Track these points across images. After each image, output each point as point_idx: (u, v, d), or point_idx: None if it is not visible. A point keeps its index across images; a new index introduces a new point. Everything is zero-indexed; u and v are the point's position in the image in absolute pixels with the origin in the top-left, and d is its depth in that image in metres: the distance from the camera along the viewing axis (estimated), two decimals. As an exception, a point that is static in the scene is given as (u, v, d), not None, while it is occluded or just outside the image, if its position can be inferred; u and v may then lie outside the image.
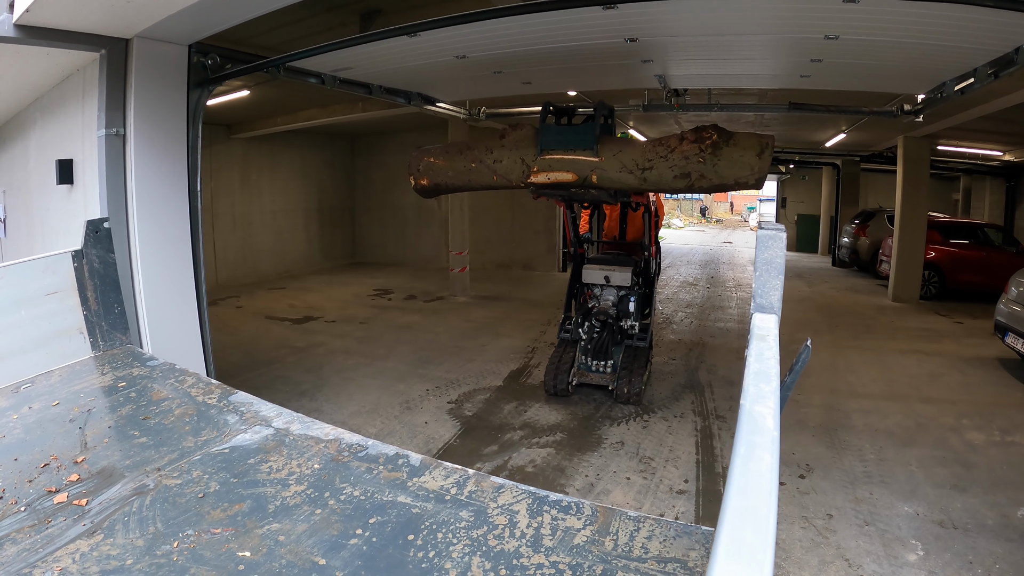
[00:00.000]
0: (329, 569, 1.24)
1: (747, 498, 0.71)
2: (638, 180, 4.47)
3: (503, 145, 4.80)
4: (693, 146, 4.27)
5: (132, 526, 1.54)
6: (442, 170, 4.99)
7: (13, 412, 2.58)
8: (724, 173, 4.24)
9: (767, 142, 4.21)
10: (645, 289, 6.63)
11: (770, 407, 0.90)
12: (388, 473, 1.59)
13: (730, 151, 4.20)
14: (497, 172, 4.77)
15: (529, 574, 1.19)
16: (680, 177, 4.33)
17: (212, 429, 2.00)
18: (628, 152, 4.52)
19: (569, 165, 4.58)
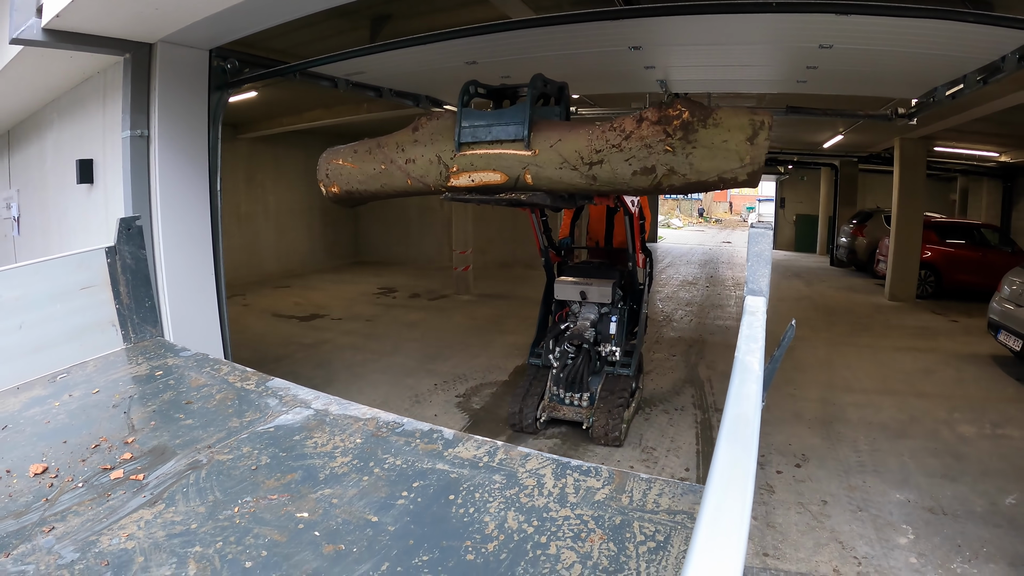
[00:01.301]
0: (381, 525, 1.41)
1: (738, 409, 0.92)
2: (585, 179, 3.31)
3: (416, 140, 3.69)
4: (656, 129, 3.08)
5: (192, 496, 1.70)
6: (351, 175, 3.95)
7: (54, 400, 2.73)
8: (702, 166, 3.04)
9: (762, 122, 2.96)
10: (632, 305, 5.65)
11: (757, 356, 1.19)
12: (425, 445, 1.76)
13: (709, 135, 3.00)
14: (411, 175, 3.70)
15: (558, 524, 1.37)
16: (642, 173, 3.15)
17: (255, 411, 2.17)
18: (570, 141, 3.31)
19: (496, 162, 3.45)
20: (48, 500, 1.85)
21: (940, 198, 17.84)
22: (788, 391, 6.36)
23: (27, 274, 3.12)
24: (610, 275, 5.47)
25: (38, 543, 1.62)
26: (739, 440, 0.87)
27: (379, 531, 1.39)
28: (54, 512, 1.78)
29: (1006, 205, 15.42)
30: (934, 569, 3.50)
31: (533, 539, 1.32)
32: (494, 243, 15.30)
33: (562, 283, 5.45)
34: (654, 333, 8.96)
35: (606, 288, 5.29)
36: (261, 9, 3.69)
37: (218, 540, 1.45)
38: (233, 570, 1.33)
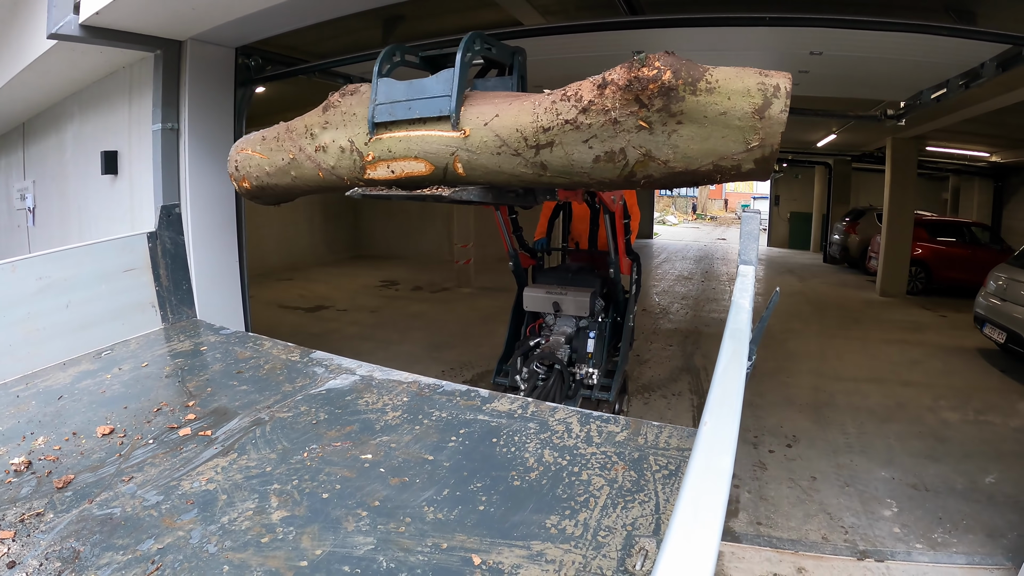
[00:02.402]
0: (437, 462, 1.66)
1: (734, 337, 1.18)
2: (532, 167, 2.43)
3: (327, 123, 2.89)
4: (624, 98, 2.14)
5: (261, 446, 1.94)
6: (260, 166, 3.26)
7: (105, 372, 2.95)
8: (692, 149, 2.14)
9: (776, 86, 2.03)
10: (616, 317, 4.89)
11: (747, 299, 1.53)
12: (465, 402, 2.02)
13: (700, 105, 2.08)
14: (322, 165, 2.94)
15: (587, 458, 1.64)
16: (607, 159, 2.26)
17: (304, 378, 2.41)
18: (509, 116, 2.40)
19: (418, 147, 2.60)
20: (121, 456, 2.07)
21: (932, 197, 18.15)
22: (781, 379, 6.64)
23: (76, 256, 3.31)
24: (589, 283, 4.70)
25: (119, 490, 1.83)
26: (736, 354, 1.10)
27: (436, 466, 1.64)
28: (129, 465, 1.99)
29: (997, 204, 15.74)
30: (916, 538, 3.78)
31: (567, 469, 1.59)
32: (495, 237, 15.48)
33: (532, 292, 4.65)
34: (650, 325, 9.23)
35: (583, 298, 4.49)
36: (291, 12, 3.92)
37: (294, 479, 1.69)
38: (312, 500, 1.57)
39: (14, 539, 1.67)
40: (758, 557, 3.55)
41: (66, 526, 1.69)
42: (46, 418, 2.43)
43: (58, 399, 2.63)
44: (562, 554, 1.28)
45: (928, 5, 4.02)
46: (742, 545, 3.65)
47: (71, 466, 2.03)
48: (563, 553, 1.29)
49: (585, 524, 1.37)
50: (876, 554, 3.59)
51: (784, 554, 3.58)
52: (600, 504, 1.44)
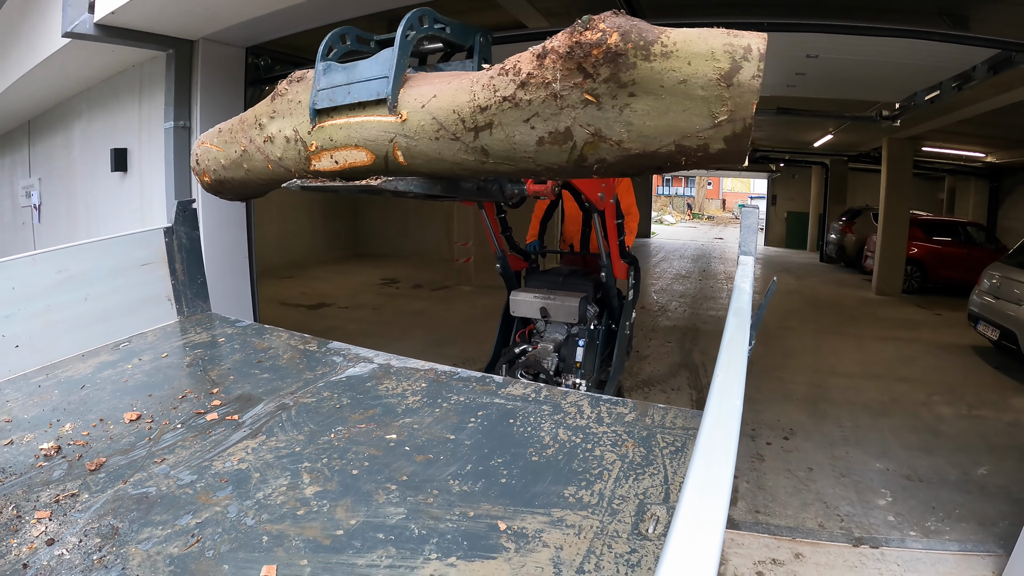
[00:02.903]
0: (458, 441, 1.77)
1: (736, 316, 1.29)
2: (473, 153, 2.18)
3: (275, 112, 2.72)
4: (567, 67, 1.84)
5: (288, 428, 2.04)
6: (217, 159, 3.15)
7: (125, 363, 3.04)
8: (649, 127, 1.84)
9: (747, 47, 1.71)
10: (611, 324, 4.56)
11: (747, 284, 1.63)
12: (481, 387, 2.13)
13: (655, 72, 1.75)
14: (271, 157, 2.78)
15: (599, 436, 1.75)
16: (552, 141, 1.98)
17: (324, 366, 2.52)
18: (446, 96, 2.17)
19: (357, 134, 2.41)
20: (151, 439, 2.16)
21: (928, 197, 18.30)
22: (777, 375, 6.76)
23: (94, 250, 3.39)
24: (580, 287, 4.41)
25: (152, 471, 1.91)
26: (739, 335, 1.21)
27: (458, 445, 1.75)
28: (160, 448, 2.08)
29: (992, 204, 15.89)
30: (910, 526, 3.89)
31: (581, 446, 1.70)
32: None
33: (520, 296, 4.38)
34: (649, 322, 9.34)
35: (572, 304, 4.21)
36: (301, 13, 4.02)
37: (323, 457, 1.80)
38: (343, 476, 1.67)
39: (51, 518, 1.76)
40: (757, 543, 3.66)
41: (102, 505, 1.77)
42: (71, 406, 2.51)
43: (81, 388, 2.71)
44: (580, 520, 1.39)
45: (922, 9, 4.13)
46: (741, 532, 3.77)
47: (101, 450, 2.11)
48: (581, 519, 1.40)
49: (600, 494, 1.49)
50: (871, 541, 3.71)
51: (782, 540, 3.69)
52: (613, 476, 1.55)
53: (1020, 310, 7.06)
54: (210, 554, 1.45)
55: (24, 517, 1.74)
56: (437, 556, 1.31)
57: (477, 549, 1.33)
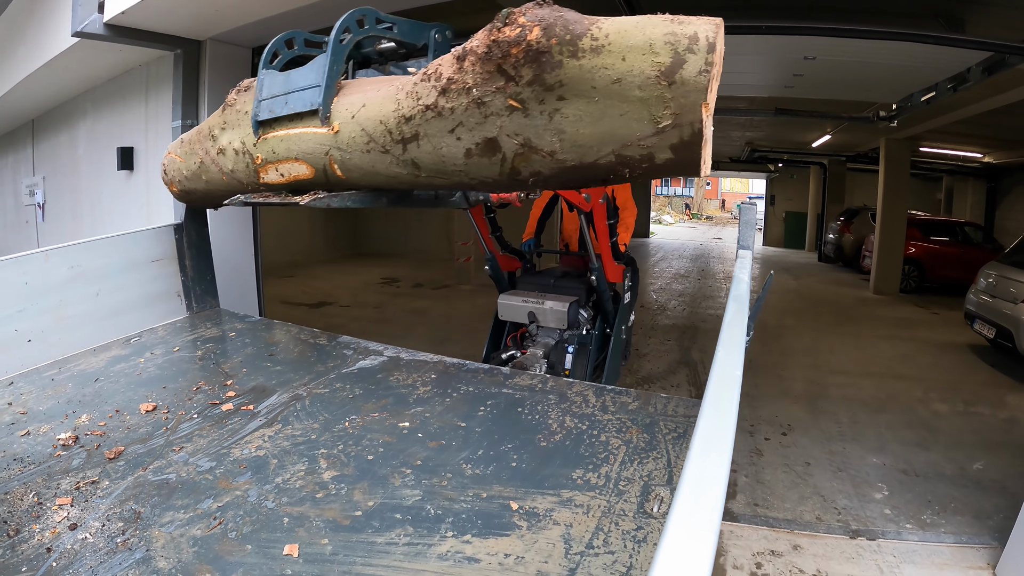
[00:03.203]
0: (469, 428, 1.84)
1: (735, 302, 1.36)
2: (404, 166, 1.99)
3: (225, 123, 2.63)
4: (486, 70, 1.65)
5: (303, 417, 2.10)
6: (180, 170, 3.09)
7: (138, 357, 3.10)
8: (581, 134, 1.61)
9: (693, 36, 1.45)
10: (606, 329, 4.34)
11: (745, 275, 1.70)
12: (489, 378, 2.20)
13: (585, 71, 1.53)
14: (224, 169, 2.70)
15: (604, 423, 1.83)
16: (480, 153, 1.78)
17: (335, 359, 2.58)
18: (374, 105, 2.01)
19: (297, 147, 2.28)
20: (168, 429, 2.22)
21: (926, 197, 18.37)
22: (776, 372, 6.83)
23: (106, 246, 3.45)
24: (572, 291, 4.19)
25: (171, 459, 1.97)
26: (738, 318, 1.29)
27: (469, 431, 1.82)
28: (177, 437, 2.14)
29: (990, 204, 15.96)
30: (906, 519, 3.96)
31: (587, 432, 1.77)
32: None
33: (508, 300, 4.19)
34: (649, 321, 9.40)
35: (561, 309, 4.00)
36: (309, 15, 4.07)
37: (339, 444, 1.86)
38: (359, 462, 1.74)
39: (72, 504, 1.81)
40: (756, 535, 3.73)
41: (123, 491, 1.83)
42: (86, 398, 2.56)
43: (95, 381, 2.77)
44: (588, 500, 1.46)
45: (918, 12, 4.21)
46: (740, 524, 3.83)
47: (119, 439, 2.16)
48: (589, 499, 1.47)
49: (607, 476, 1.56)
50: (868, 533, 3.78)
51: (780, 533, 3.76)
52: (619, 460, 1.62)
53: (1016, 308, 7.13)
54: (233, 535, 1.51)
55: (45, 504, 1.77)
56: (453, 534, 1.38)
57: (491, 527, 1.40)
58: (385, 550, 1.35)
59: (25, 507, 1.76)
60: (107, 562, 1.48)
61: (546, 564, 1.27)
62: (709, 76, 1.42)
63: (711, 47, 1.42)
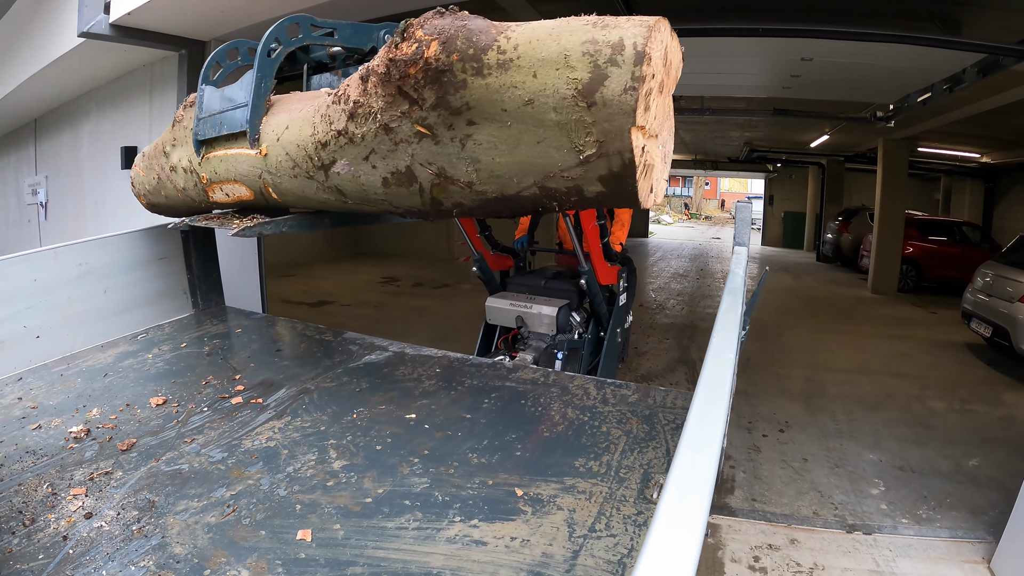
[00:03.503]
0: (475, 419, 1.90)
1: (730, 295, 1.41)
2: (330, 192, 1.86)
3: (175, 139, 2.53)
4: (388, 93, 1.46)
5: (311, 410, 2.15)
6: (143, 183, 3.05)
7: (146, 353, 3.15)
8: (497, 164, 1.41)
9: (618, 45, 1.18)
10: (600, 333, 4.21)
11: (741, 269, 1.75)
12: (492, 372, 2.26)
13: (494, 92, 1.31)
14: (177, 187, 2.62)
15: (605, 415, 1.89)
16: (396, 183, 1.63)
17: (341, 354, 2.63)
18: (295, 128, 1.87)
19: (234, 168, 2.17)
20: (179, 422, 2.26)
21: (924, 197, 18.44)
22: (774, 370, 6.89)
23: (114, 244, 3.48)
24: (563, 293, 4.05)
25: (184, 450, 2.02)
26: (733, 304, 1.34)
27: (474, 423, 1.87)
28: (188, 429, 2.19)
29: (988, 205, 16.04)
30: (902, 514, 4.02)
31: (589, 423, 1.83)
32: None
33: (496, 303, 4.05)
34: (648, 320, 9.46)
35: (552, 311, 3.84)
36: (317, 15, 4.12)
37: (347, 435, 1.91)
38: (368, 452, 1.79)
39: (86, 495, 1.85)
40: (753, 530, 3.79)
41: (137, 481, 1.87)
42: (95, 393, 2.60)
43: (104, 376, 2.81)
44: (591, 486, 1.52)
45: (915, 13, 4.27)
46: (738, 519, 3.89)
47: (131, 432, 2.21)
48: (591, 486, 1.52)
49: (608, 464, 1.61)
50: (864, 527, 3.84)
51: (778, 527, 3.82)
52: (619, 449, 1.68)
53: (1012, 307, 7.19)
54: (247, 522, 1.56)
55: (60, 494, 1.81)
56: (461, 519, 1.43)
57: (497, 512, 1.45)
58: (395, 534, 1.40)
59: (39, 497, 1.79)
60: (123, 548, 1.52)
61: (551, 546, 1.32)
62: (636, 95, 1.16)
63: (639, 57, 1.16)
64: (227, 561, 1.41)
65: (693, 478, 0.70)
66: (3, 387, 2.62)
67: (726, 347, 1.12)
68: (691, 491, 0.68)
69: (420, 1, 3.98)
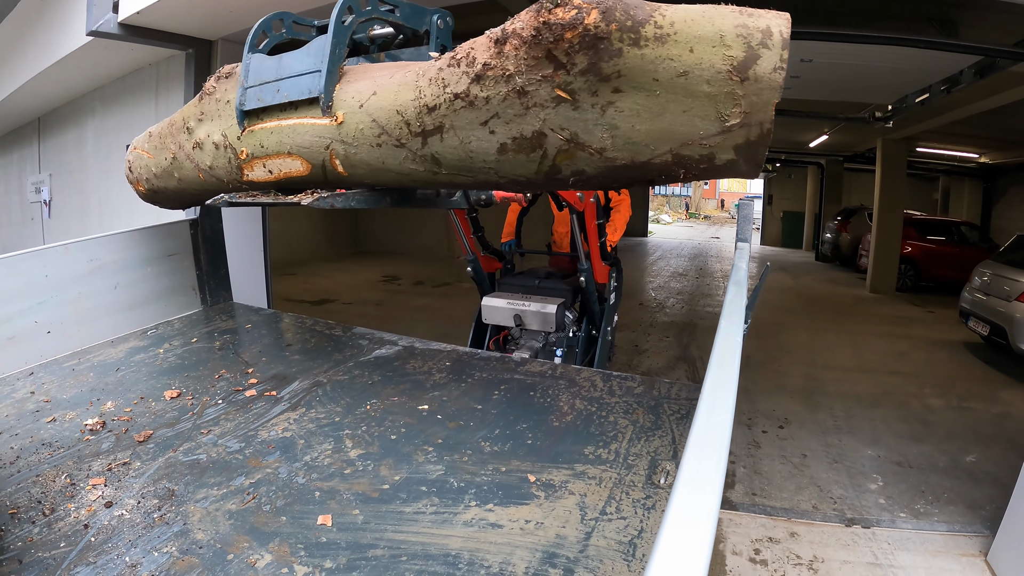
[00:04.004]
0: (486, 409, 1.95)
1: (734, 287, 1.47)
2: (422, 162, 1.80)
3: (203, 113, 2.39)
4: (532, 57, 1.45)
5: (325, 402, 2.20)
6: (148, 166, 2.83)
7: (157, 348, 3.19)
8: (636, 131, 1.47)
9: (767, 30, 1.37)
10: (591, 330, 4.33)
11: (744, 263, 1.79)
12: (501, 365, 2.31)
13: (647, 62, 1.39)
14: (200, 165, 2.46)
15: (612, 406, 1.95)
16: (516, 149, 1.60)
17: (351, 348, 2.69)
18: (388, 93, 1.79)
19: (290, 140, 2.06)
20: (194, 414, 2.31)
21: (923, 197, 18.51)
22: (773, 368, 6.96)
23: (124, 240, 3.53)
24: (558, 292, 4.10)
25: (200, 441, 2.05)
26: (738, 295, 1.39)
27: (485, 413, 1.93)
28: (204, 421, 2.23)
29: (986, 205, 16.11)
30: (900, 508, 4.08)
31: (597, 414, 1.89)
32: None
33: (492, 302, 4.11)
34: (648, 318, 9.52)
35: (548, 311, 3.90)
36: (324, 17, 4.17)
37: (362, 426, 1.97)
38: (383, 441, 1.85)
39: (105, 484, 1.88)
40: (754, 523, 3.85)
41: (155, 471, 1.91)
42: (108, 386, 2.64)
43: (116, 371, 2.84)
44: (600, 472, 1.58)
45: (913, 15, 4.33)
46: (739, 513, 3.95)
47: (146, 424, 2.24)
48: (601, 472, 1.58)
49: (616, 452, 1.67)
50: (863, 521, 3.90)
51: (778, 521, 3.88)
52: (627, 438, 1.73)
53: (1010, 306, 7.26)
54: (267, 508, 1.60)
55: (78, 484, 1.84)
56: (476, 503, 1.49)
57: (511, 497, 1.51)
58: (413, 519, 1.46)
59: (58, 488, 1.82)
60: (145, 535, 1.56)
61: (564, 528, 1.38)
62: (784, 73, 1.36)
63: (785, 43, 1.36)
64: (250, 546, 1.45)
65: (711, 437, 0.76)
66: (15, 381, 2.65)
67: (734, 330, 1.17)
68: (709, 449, 0.73)
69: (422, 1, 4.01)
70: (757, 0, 1.66)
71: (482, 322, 4.26)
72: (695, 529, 0.59)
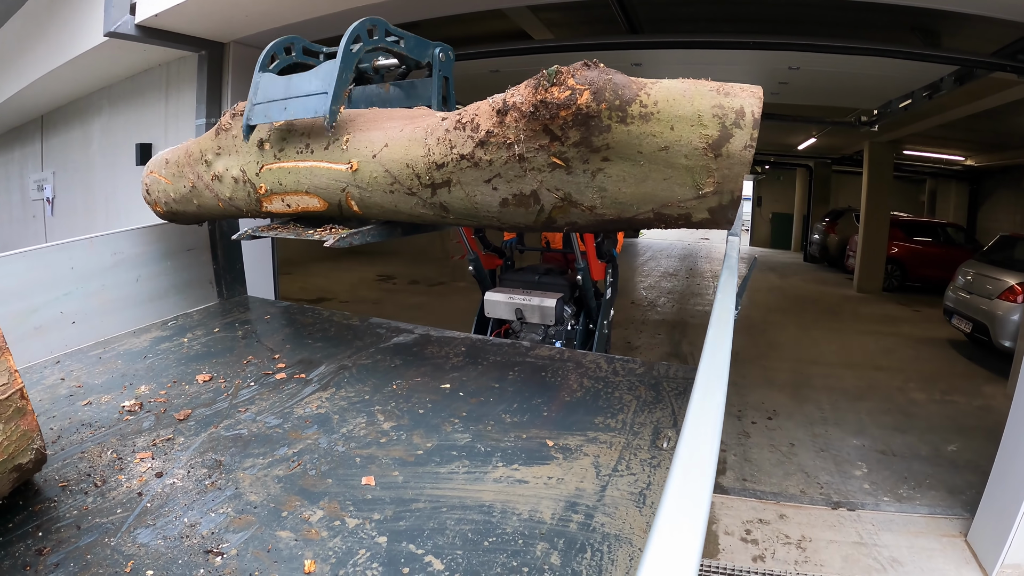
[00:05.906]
0: (503, 388, 2.15)
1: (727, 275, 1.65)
2: (431, 208, 2.02)
3: (220, 148, 2.53)
4: (531, 128, 1.65)
5: (353, 383, 2.37)
6: (166, 191, 3.01)
7: (180, 337, 3.32)
8: (622, 193, 1.70)
9: (739, 111, 1.56)
10: (588, 324, 4.49)
11: (735, 252, 1.91)
12: (513, 350, 2.51)
13: (633, 136, 1.59)
14: (220, 196, 2.61)
15: (616, 383, 2.16)
16: (516, 204, 1.83)
17: (370, 336, 2.86)
18: (399, 147, 1.98)
19: (307, 180, 2.24)
20: (229, 395, 2.45)
21: (911, 199, 18.78)
22: (762, 363, 7.18)
23: (146, 235, 3.66)
24: (557, 287, 4.30)
25: (239, 418, 2.17)
26: (730, 279, 1.57)
27: (503, 391, 2.12)
28: (239, 401, 2.37)
29: (972, 206, 16.39)
30: (884, 493, 4.30)
31: (604, 390, 2.10)
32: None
33: (495, 297, 4.29)
34: (639, 316, 9.73)
35: (549, 304, 4.10)
36: (338, 23, 4.34)
37: (391, 402, 2.15)
38: (412, 415, 2.03)
39: (153, 458, 2.00)
40: (744, 506, 4.06)
41: (200, 444, 2.04)
42: (139, 372, 2.76)
43: (144, 358, 2.97)
44: (611, 438, 1.78)
45: (897, 24, 4.56)
46: (730, 496, 4.16)
47: (183, 404, 2.38)
48: (611, 437, 1.78)
49: (623, 421, 1.87)
50: (848, 504, 4.12)
51: (767, 504, 4.09)
52: (632, 410, 1.94)
53: (992, 304, 7.51)
54: (312, 473, 1.77)
55: (125, 459, 1.96)
56: (503, 464, 1.68)
57: (534, 459, 1.70)
58: (448, 478, 1.64)
59: (105, 462, 1.93)
60: (200, 500, 1.69)
61: (582, 483, 1.58)
62: (753, 150, 1.53)
63: (755, 122, 1.53)
64: (301, 504, 1.61)
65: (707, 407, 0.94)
66: (42, 369, 2.76)
67: (727, 307, 1.36)
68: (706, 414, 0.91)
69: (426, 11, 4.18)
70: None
71: (484, 316, 4.45)
72: (696, 481, 0.75)
